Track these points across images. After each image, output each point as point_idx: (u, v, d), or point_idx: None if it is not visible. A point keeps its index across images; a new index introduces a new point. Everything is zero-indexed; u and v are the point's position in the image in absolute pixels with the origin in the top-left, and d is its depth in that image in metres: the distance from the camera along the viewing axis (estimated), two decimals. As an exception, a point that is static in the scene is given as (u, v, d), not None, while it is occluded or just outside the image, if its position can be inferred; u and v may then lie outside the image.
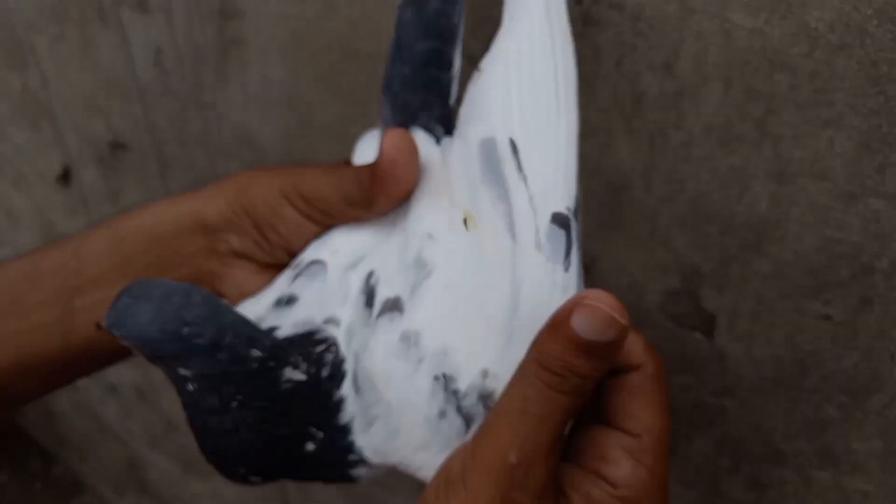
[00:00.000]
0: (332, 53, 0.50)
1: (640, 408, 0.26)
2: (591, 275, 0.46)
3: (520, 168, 0.28)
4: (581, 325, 0.22)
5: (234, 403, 0.27)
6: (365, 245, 0.30)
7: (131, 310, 0.26)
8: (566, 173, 0.28)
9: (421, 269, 0.28)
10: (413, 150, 0.27)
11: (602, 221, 0.44)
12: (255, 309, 0.30)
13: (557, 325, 0.23)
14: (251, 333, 0.27)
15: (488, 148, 0.28)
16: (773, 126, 0.36)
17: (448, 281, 0.28)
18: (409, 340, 0.27)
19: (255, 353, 0.27)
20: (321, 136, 0.55)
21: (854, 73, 0.32)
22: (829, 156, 0.35)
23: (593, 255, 0.46)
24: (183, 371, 0.27)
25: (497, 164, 0.28)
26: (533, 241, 0.28)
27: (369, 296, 0.29)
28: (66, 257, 0.32)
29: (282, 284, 0.31)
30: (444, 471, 0.26)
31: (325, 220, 0.29)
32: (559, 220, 0.28)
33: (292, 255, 0.31)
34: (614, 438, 0.26)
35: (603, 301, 0.23)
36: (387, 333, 0.28)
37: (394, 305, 0.28)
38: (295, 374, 0.27)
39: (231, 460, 0.29)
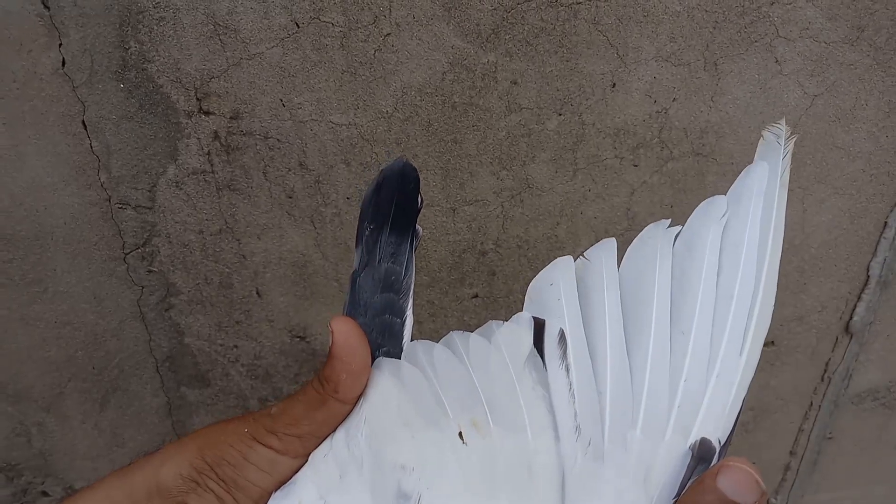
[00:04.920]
0: (-11, 248, 0.51)
1: None
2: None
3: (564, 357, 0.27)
4: (727, 484, 0.23)
5: None
6: (330, 486, 0.29)
7: None
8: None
9: (405, 501, 0.27)
10: (359, 328, 0.29)
11: (300, 294, 0.54)
12: None
13: (704, 484, 0.24)
14: None
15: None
16: (388, 181, 0.50)
17: (445, 499, 0.26)
18: None
19: None
20: None
21: (421, 133, 0.49)
22: (429, 189, 0.50)
23: (305, 325, 0.56)
24: None
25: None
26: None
27: None
28: None
29: None
30: None
31: (300, 450, 0.29)
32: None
33: None
34: None
35: (747, 464, 0.24)
36: None
37: None
38: None
39: None
